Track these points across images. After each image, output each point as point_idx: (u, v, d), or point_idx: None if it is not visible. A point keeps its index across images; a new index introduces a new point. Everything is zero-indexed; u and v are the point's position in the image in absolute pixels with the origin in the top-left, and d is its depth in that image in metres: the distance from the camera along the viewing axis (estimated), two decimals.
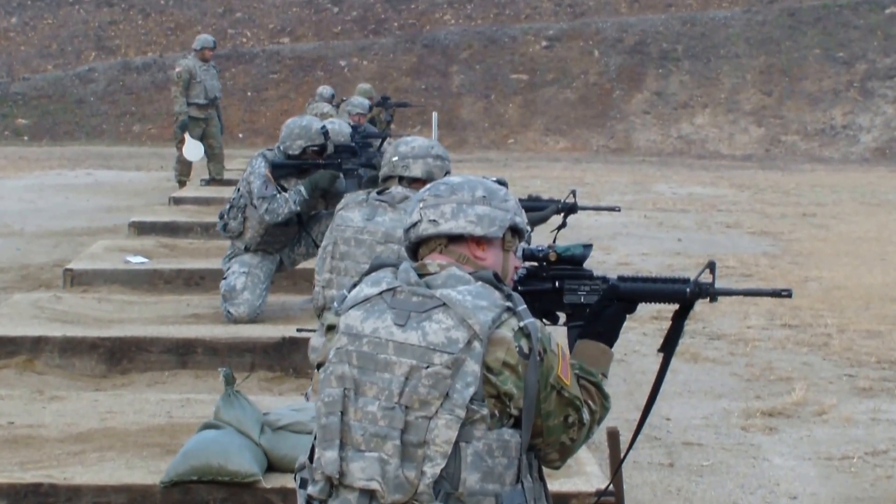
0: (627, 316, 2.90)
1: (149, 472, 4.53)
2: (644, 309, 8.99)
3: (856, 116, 24.35)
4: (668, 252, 11.29)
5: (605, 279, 2.94)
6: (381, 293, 2.51)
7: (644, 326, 8.11)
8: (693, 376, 7.04)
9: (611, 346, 2.81)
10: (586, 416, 2.57)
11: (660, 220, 13.40)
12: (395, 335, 2.45)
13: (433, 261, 2.57)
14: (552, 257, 2.94)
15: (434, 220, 2.57)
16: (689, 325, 8.11)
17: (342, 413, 2.47)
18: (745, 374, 7.09)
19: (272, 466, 4.50)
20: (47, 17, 29.26)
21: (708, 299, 2.92)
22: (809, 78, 25.25)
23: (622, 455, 3.13)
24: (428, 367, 2.40)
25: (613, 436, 4.36)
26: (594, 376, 2.70)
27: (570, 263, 2.95)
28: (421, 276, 2.52)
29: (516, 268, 2.74)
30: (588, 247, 2.95)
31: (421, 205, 2.61)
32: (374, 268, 2.59)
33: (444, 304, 2.43)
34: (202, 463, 4.36)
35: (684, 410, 6.37)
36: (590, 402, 2.62)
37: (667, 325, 2.98)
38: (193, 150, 13.57)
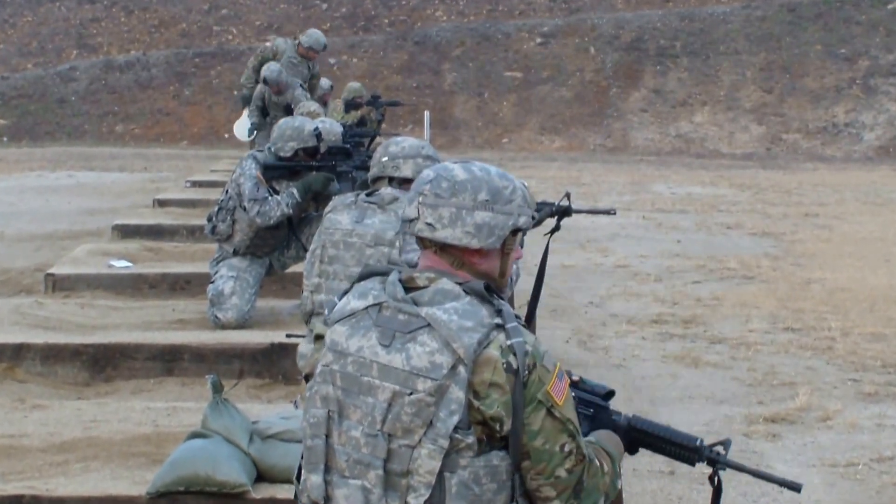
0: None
1: (134, 483, 4.53)
2: (643, 313, 8.89)
3: (858, 114, 24.27)
4: (667, 254, 11.22)
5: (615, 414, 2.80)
6: (367, 308, 2.44)
7: (644, 331, 8.04)
8: (694, 381, 6.97)
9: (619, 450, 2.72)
10: (587, 450, 2.47)
11: (658, 221, 13.33)
12: (380, 356, 2.39)
13: (423, 271, 2.47)
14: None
15: (430, 224, 2.48)
16: (690, 329, 8.09)
17: (326, 436, 2.43)
18: (748, 379, 7.01)
19: (262, 476, 4.50)
20: (27, 15, 29.14)
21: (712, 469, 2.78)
22: (811, 75, 25.18)
23: None
24: (411, 393, 2.34)
25: None
26: (611, 450, 2.61)
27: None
28: (408, 289, 2.44)
29: (517, 258, 2.64)
30: (609, 393, 2.80)
31: (420, 199, 2.50)
32: (364, 276, 2.51)
33: (429, 324, 2.36)
34: (189, 473, 4.35)
35: (685, 416, 6.29)
36: (603, 462, 2.53)
37: (668, 331, 2.86)
38: (242, 128, 12.80)
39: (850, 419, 6.23)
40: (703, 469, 5.52)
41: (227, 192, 7.12)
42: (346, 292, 2.50)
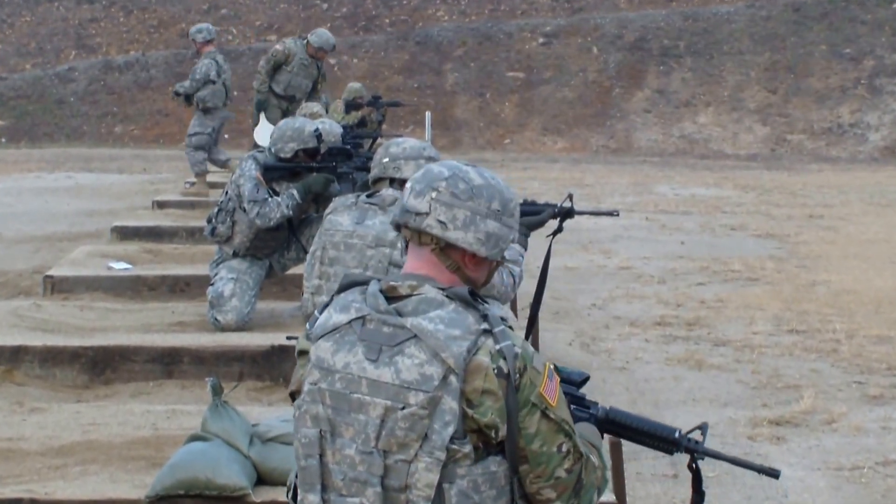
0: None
1: (133, 487, 4.52)
2: (646, 315, 8.85)
3: (864, 114, 24.21)
4: (671, 255, 11.18)
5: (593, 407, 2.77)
6: (350, 322, 2.40)
7: (647, 333, 8.01)
8: (698, 384, 6.95)
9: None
10: (583, 448, 2.43)
11: (662, 223, 13.29)
12: (368, 371, 2.35)
13: (405, 279, 2.43)
14: None
15: (443, 223, 2.44)
16: (694, 331, 8.07)
17: (320, 455, 2.40)
18: (752, 382, 6.98)
19: (262, 479, 4.48)
20: (25, 15, 29.07)
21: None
22: (816, 75, 25.12)
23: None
24: (403, 407, 2.31)
25: (616, 447, 4.34)
26: (595, 442, 2.60)
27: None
28: (390, 298, 2.40)
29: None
30: (585, 380, 2.79)
31: (434, 195, 2.45)
32: (344, 287, 2.47)
33: (416, 335, 2.33)
34: (189, 476, 4.34)
35: (689, 419, 6.24)
36: (593, 458, 2.51)
37: (671, 333, 2.82)
38: (263, 132, 12.50)
39: (856, 422, 6.20)
40: (708, 472, 5.50)
41: (226, 193, 7.09)
42: (326, 305, 2.47)
